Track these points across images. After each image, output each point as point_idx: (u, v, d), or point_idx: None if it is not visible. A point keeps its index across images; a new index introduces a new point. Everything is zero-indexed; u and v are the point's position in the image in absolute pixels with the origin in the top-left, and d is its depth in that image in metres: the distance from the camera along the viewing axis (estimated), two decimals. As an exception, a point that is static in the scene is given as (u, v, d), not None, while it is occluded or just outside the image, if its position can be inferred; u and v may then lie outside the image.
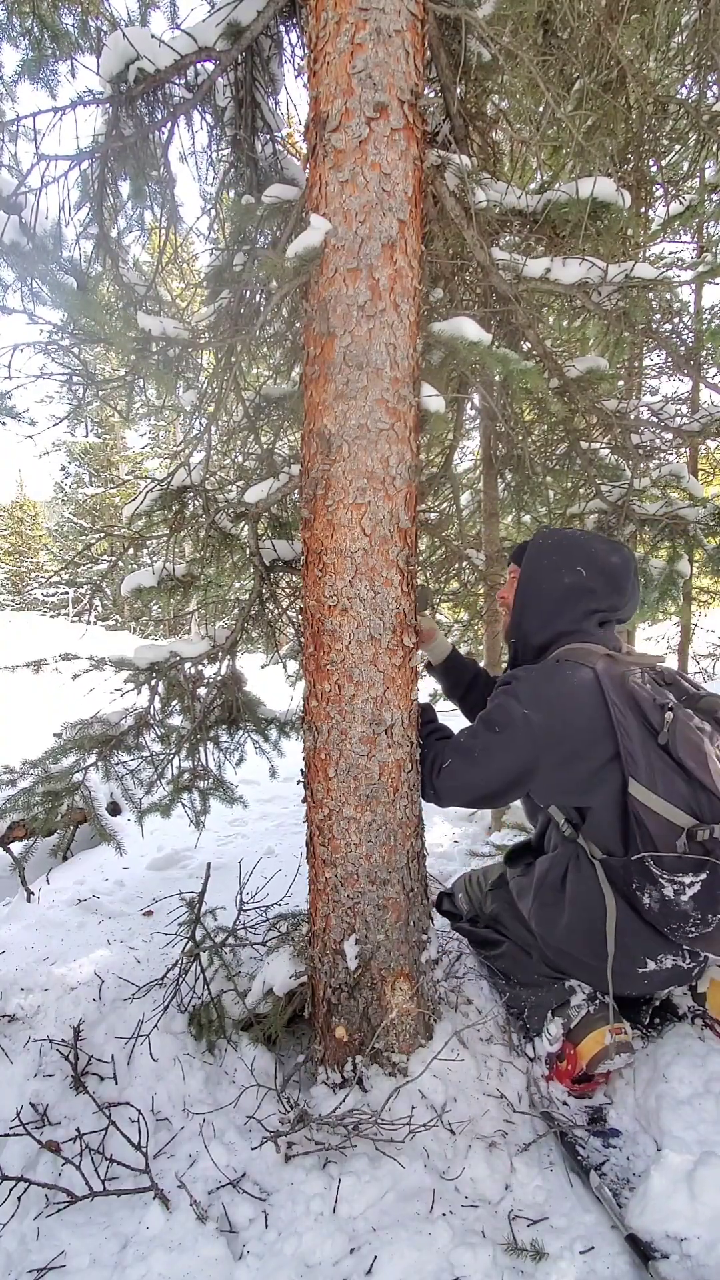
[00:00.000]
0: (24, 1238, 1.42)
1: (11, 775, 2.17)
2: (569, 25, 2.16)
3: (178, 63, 1.96)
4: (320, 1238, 1.35)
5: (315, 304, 1.65)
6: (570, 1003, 1.75)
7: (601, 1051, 1.65)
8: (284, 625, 2.51)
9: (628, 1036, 1.68)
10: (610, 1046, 1.65)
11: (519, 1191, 1.46)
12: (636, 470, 2.81)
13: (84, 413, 2.57)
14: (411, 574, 1.74)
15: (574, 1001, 1.75)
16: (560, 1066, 1.72)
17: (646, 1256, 1.26)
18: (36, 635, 10.69)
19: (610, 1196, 1.41)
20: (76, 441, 20.19)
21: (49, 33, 2.18)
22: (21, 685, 7.61)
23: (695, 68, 2.54)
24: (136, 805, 2.28)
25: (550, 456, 3.09)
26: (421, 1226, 1.35)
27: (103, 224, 2.15)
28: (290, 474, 2.26)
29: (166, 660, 2.26)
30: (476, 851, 3.41)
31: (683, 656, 6.36)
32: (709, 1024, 1.76)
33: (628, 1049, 1.67)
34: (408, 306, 1.64)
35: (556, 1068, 1.73)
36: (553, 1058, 1.74)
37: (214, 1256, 1.33)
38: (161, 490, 2.43)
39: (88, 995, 2.12)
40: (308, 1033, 1.89)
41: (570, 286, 2.02)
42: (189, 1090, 1.77)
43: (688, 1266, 1.25)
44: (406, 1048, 1.74)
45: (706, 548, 2.72)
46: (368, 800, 1.70)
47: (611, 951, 1.63)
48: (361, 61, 1.55)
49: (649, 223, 3.11)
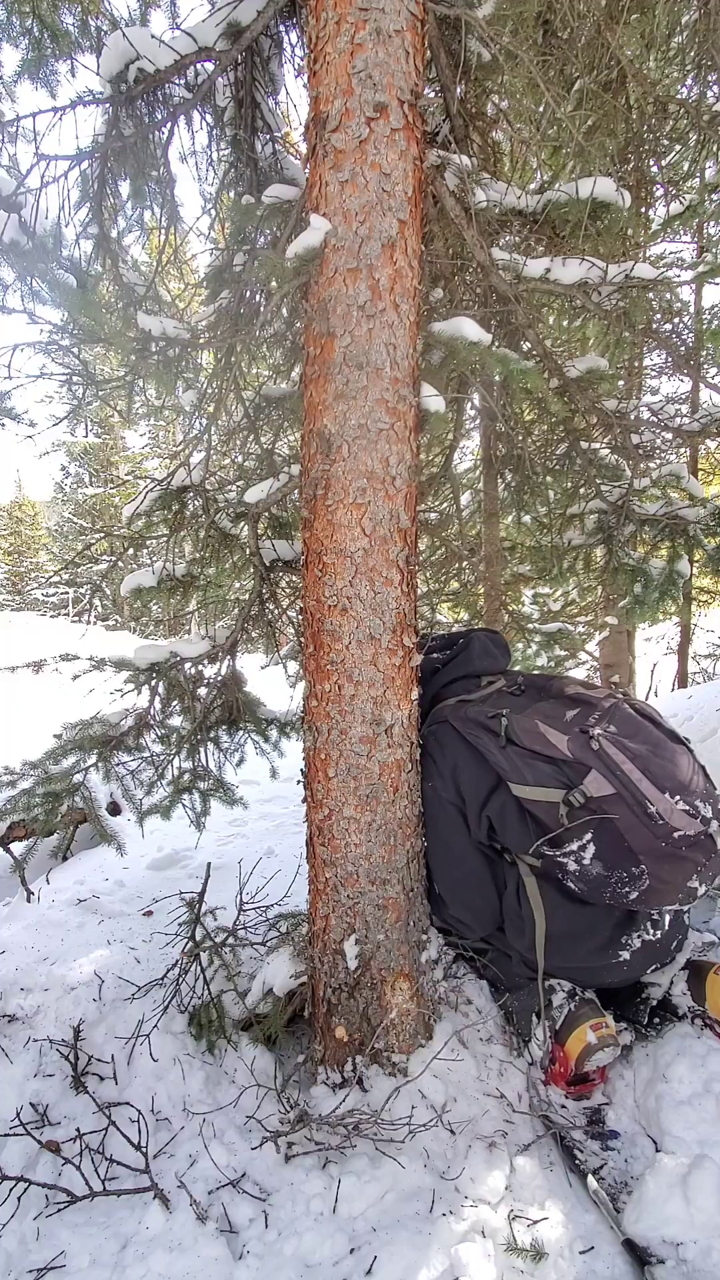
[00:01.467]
0: (24, 1238, 1.42)
1: (12, 776, 2.17)
2: (569, 25, 2.16)
3: (178, 63, 1.96)
4: (320, 1238, 1.35)
5: (315, 304, 1.65)
6: (552, 1003, 1.76)
7: (586, 1048, 1.66)
8: (284, 625, 2.51)
9: (611, 1030, 1.68)
10: (593, 1042, 1.65)
11: (519, 1191, 1.46)
12: (636, 470, 2.81)
13: (84, 413, 2.56)
14: (411, 574, 1.74)
15: (555, 1001, 1.76)
16: (553, 1069, 1.73)
17: (643, 1262, 1.26)
18: (36, 635, 10.69)
19: (607, 1200, 1.41)
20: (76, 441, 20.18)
21: (49, 32, 2.18)
22: (21, 685, 7.60)
23: (695, 68, 2.54)
24: (137, 806, 2.28)
25: (550, 456, 3.08)
26: (421, 1226, 1.35)
27: (102, 224, 2.15)
28: (290, 474, 2.26)
29: (166, 660, 2.26)
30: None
31: (683, 657, 6.37)
32: (709, 1024, 1.76)
33: (612, 1042, 1.67)
34: (408, 306, 1.64)
35: (551, 1071, 1.73)
36: (546, 1062, 1.74)
37: (214, 1256, 1.33)
38: (161, 490, 2.42)
39: (88, 995, 2.12)
40: (308, 1033, 1.89)
41: (570, 286, 2.02)
42: (189, 1090, 1.77)
43: (684, 1271, 1.25)
44: (406, 1048, 1.74)
45: (706, 548, 2.72)
46: (368, 800, 1.69)
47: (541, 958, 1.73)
48: (361, 61, 1.55)
49: (649, 223, 3.11)
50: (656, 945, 1.72)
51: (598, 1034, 1.66)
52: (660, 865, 1.57)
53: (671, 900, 1.62)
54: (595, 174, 1.96)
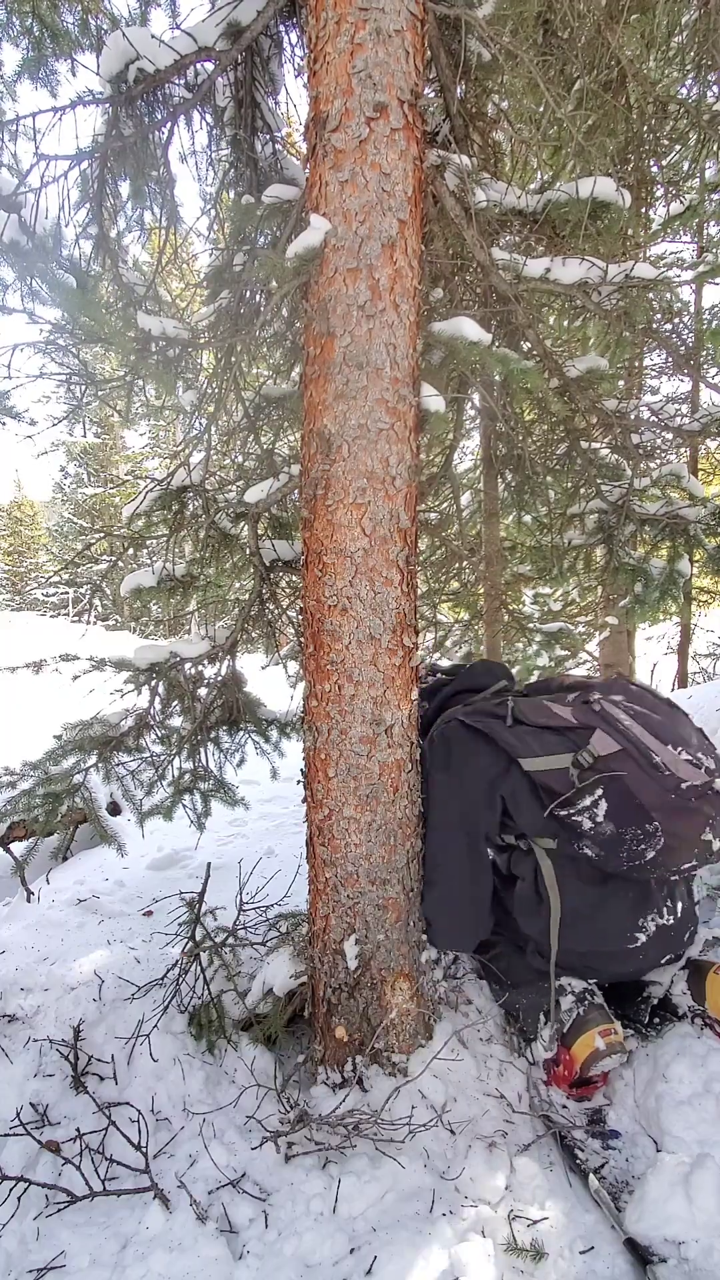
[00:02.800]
0: (24, 1238, 1.42)
1: (12, 776, 2.17)
2: (569, 25, 2.16)
3: (178, 63, 1.96)
4: (320, 1238, 1.35)
5: (315, 304, 1.65)
6: (561, 1005, 1.76)
7: (593, 1054, 1.66)
8: (284, 625, 2.51)
9: (619, 1036, 1.68)
10: (601, 1048, 1.66)
11: (519, 1191, 1.46)
12: (636, 470, 2.81)
13: (83, 412, 2.56)
14: (412, 574, 1.74)
15: (564, 1004, 1.75)
16: (557, 1071, 1.72)
17: (645, 1261, 1.27)
18: (36, 635, 10.69)
19: (609, 1200, 1.41)
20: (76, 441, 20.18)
21: (49, 32, 2.17)
22: (21, 685, 7.60)
23: (695, 68, 2.53)
24: (137, 806, 2.28)
25: (550, 456, 3.08)
26: (421, 1226, 1.35)
27: (102, 224, 2.15)
28: (290, 474, 2.26)
29: (166, 661, 2.26)
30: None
31: (683, 656, 6.37)
32: (709, 1024, 1.76)
33: (620, 1049, 1.67)
34: (408, 306, 1.64)
35: (554, 1072, 1.73)
36: (549, 1063, 1.74)
37: (214, 1256, 1.33)
38: (161, 490, 2.42)
39: (88, 995, 2.12)
40: (308, 1033, 1.89)
41: (570, 286, 2.02)
42: (189, 1090, 1.77)
43: (686, 1270, 1.25)
44: (406, 1048, 1.74)
45: (707, 547, 2.72)
46: (368, 800, 1.70)
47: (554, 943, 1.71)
48: (361, 61, 1.55)
49: (649, 223, 3.11)
50: (670, 932, 1.72)
51: (606, 1040, 1.66)
52: (671, 819, 1.60)
53: (688, 858, 1.64)
54: (595, 174, 1.96)
